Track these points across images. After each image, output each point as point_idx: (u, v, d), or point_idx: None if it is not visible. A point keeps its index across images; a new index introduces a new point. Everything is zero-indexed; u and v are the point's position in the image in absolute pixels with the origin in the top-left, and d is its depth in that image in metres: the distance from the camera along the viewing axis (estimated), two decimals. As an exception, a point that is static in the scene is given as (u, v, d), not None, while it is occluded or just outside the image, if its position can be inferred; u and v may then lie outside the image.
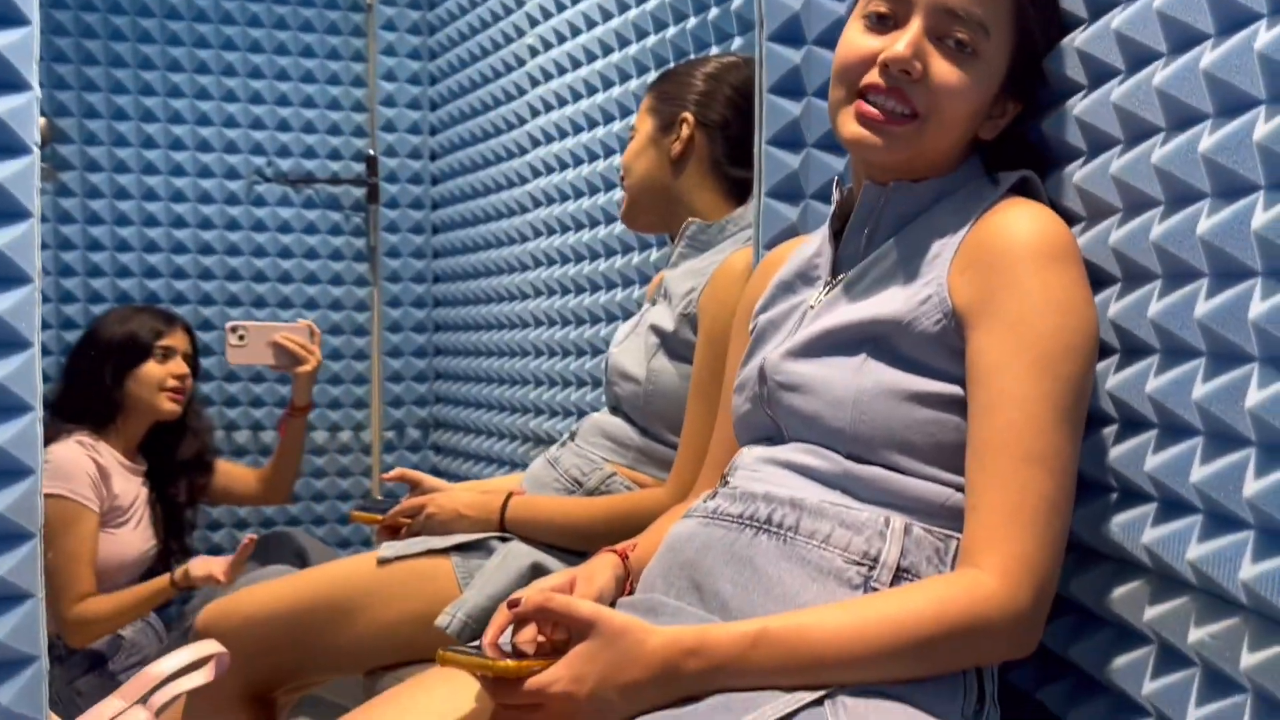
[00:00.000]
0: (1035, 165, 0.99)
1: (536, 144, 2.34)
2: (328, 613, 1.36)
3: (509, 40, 2.46)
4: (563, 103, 2.22)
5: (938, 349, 0.89)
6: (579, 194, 2.16)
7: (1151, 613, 0.85)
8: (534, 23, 2.33)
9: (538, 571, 1.32)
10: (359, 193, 2.91)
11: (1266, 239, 0.71)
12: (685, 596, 0.89)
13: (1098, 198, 0.93)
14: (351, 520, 1.56)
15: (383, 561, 1.38)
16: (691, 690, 0.77)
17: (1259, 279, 0.73)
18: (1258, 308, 0.72)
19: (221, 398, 2.81)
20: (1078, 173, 0.95)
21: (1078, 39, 0.94)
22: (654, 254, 1.90)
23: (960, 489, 0.88)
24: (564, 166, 2.22)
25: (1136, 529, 0.86)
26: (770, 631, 0.78)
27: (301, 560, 2.28)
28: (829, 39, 1.24)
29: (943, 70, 0.91)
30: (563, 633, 0.84)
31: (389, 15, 2.86)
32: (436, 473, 2.80)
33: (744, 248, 1.35)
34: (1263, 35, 0.71)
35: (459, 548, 1.39)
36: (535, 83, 2.34)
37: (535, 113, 2.34)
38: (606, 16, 2.05)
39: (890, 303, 0.92)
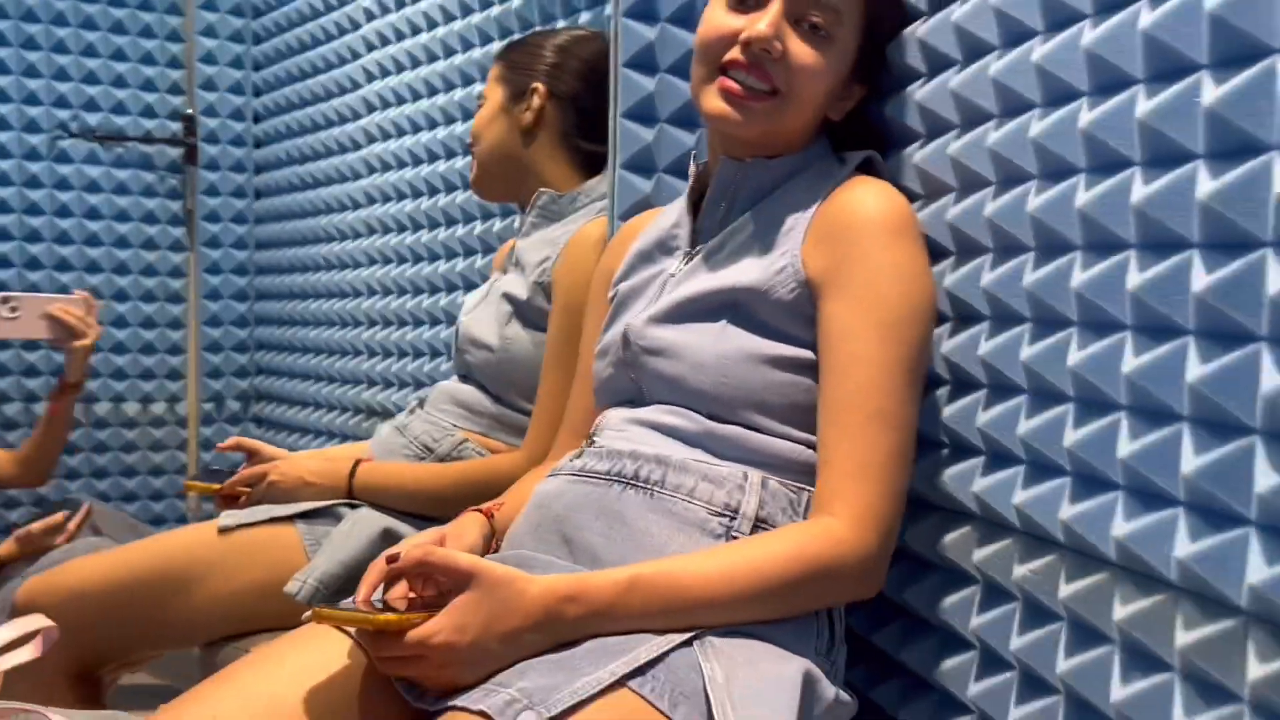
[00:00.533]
0: (878, 145, 1.06)
1: (372, 109, 2.29)
2: (164, 584, 1.31)
3: (343, 2, 2.39)
4: (401, 68, 2.19)
5: (792, 316, 0.95)
6: (418, 161, 2.13)
7: (979, 554, 0.94)
8: (370, -15, 2.28)
9: (389, 537, 1.32)
10: (175, 153, 2.76)
11: (1088, 216, 0.80)
12: (555, 551, 0.92)
13: (935, 177, 1.00)
14: (186, 491, 1.51)
15: (223, 530, 1.35)
16: (570, 635, 0.80)
17: (1079, 252, 0.82)
18: (1078, 278, 0.81)
19: (20, 367, 2.62)
20: (917, 154, 1.03)
21: (919, 29, 1.01)
22: (497, 224, 1.91)
23: (812, 445, 0.94)
24: (401, 133, 2.19)
25: (967, 480, 0.95)
26: (644, 577, 0.82)
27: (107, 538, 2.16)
28: (682, 17, 1.29)
29: (800, 51, 0.97)
30: (433, 589, 0.85)
31: (209, -33, 2.73)
32: (259, 446, 2.71)
33: (598, 218, 1.38)
34: (1087, 33, 0.80)
35: (305, 515, 1.37)
36: (371, 47, 2.28)
37: (371, 77, 2.29)
38: (449, -17, 2.02)
39: (748, 272, 0.97)
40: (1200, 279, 0.70)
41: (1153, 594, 0.75)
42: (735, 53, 0.97)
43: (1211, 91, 0.69)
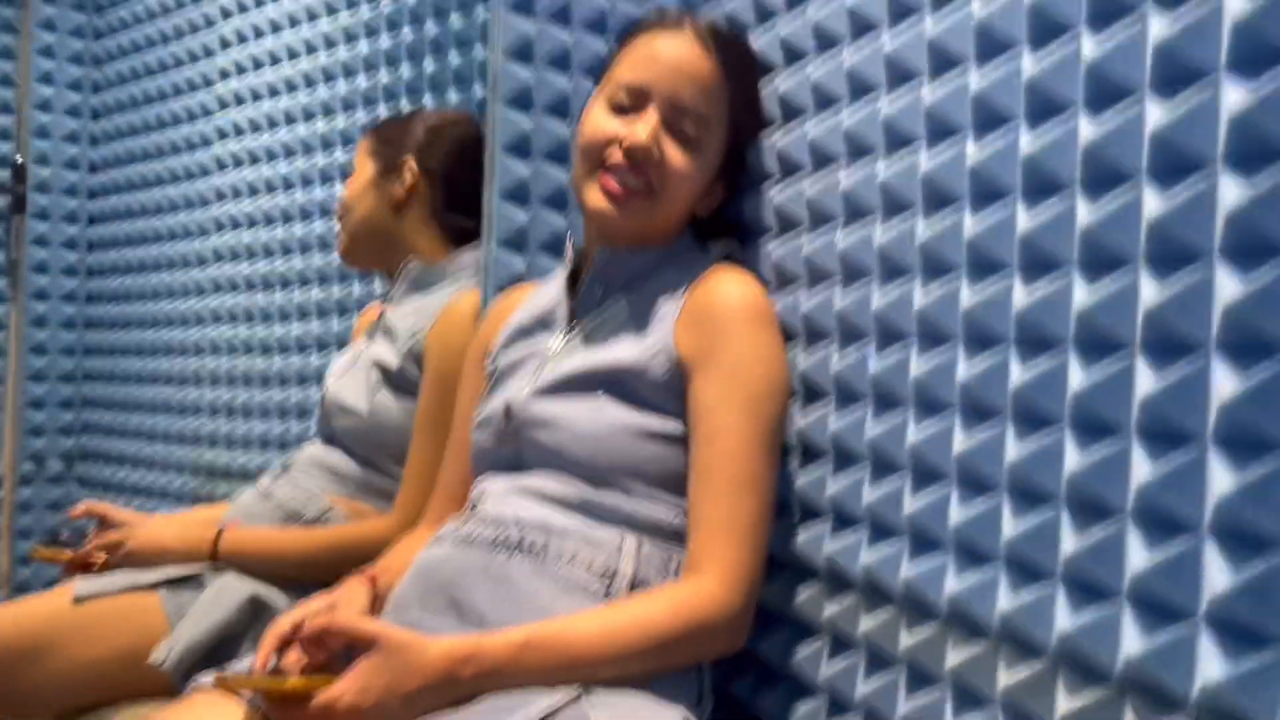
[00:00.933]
0: (738, 238, 1.18)
1: (223, 167, 2.28)
2: (18, 653, 1.27)
3: (194, 59, 2.38)
4: (256, 129, 2.19)
5: (665, 392, 1.04)
6: (270, 221, 2.14)
7: (828, 610, 1.04)
8: (226, 45, 2.28)
9: (256, 603, 1.33)
10: (2, 201, 2.65)
11: (922, 313, 0.92)
12: (443, 614, 0.97)
13: (789, 269, 1.12)
14: (34, 558, 1.46)
15: (80, 599, 1.32)
16: (468, 694, 0.86)
17: (914, 340, 0.95)
18: (916, 368, 0.93)
19: None
20: (774, 249, 1.15)
21: (776, 138, 1.14)
22: (356, 288, 1.94)
23: (682, 510, 1.03)
24: (254, 193, 2.19)
25: (817, 542, 1.06)
26: (536, 638, 0.88)
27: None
28: (556, 108, 1.38)
29: (674, 155, 1.07)
30: (324, 654, 0.89)
31: (48, 14, 2.65)
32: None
33: (469, 290, 1.45)
34: (924, 155, 0.93)
35: (167, 582, 1.35)
36: (224, 105, 2.28)
37: (223, 135, 2.28)
38: (311, 50, 2.06)
39: (625, 351, 1.06)
40: (1016, 373, 0.83)
41: (978, 643, 0.87)
42: (616, 154, 1.06)
43: (1061, 214, 0.83)
